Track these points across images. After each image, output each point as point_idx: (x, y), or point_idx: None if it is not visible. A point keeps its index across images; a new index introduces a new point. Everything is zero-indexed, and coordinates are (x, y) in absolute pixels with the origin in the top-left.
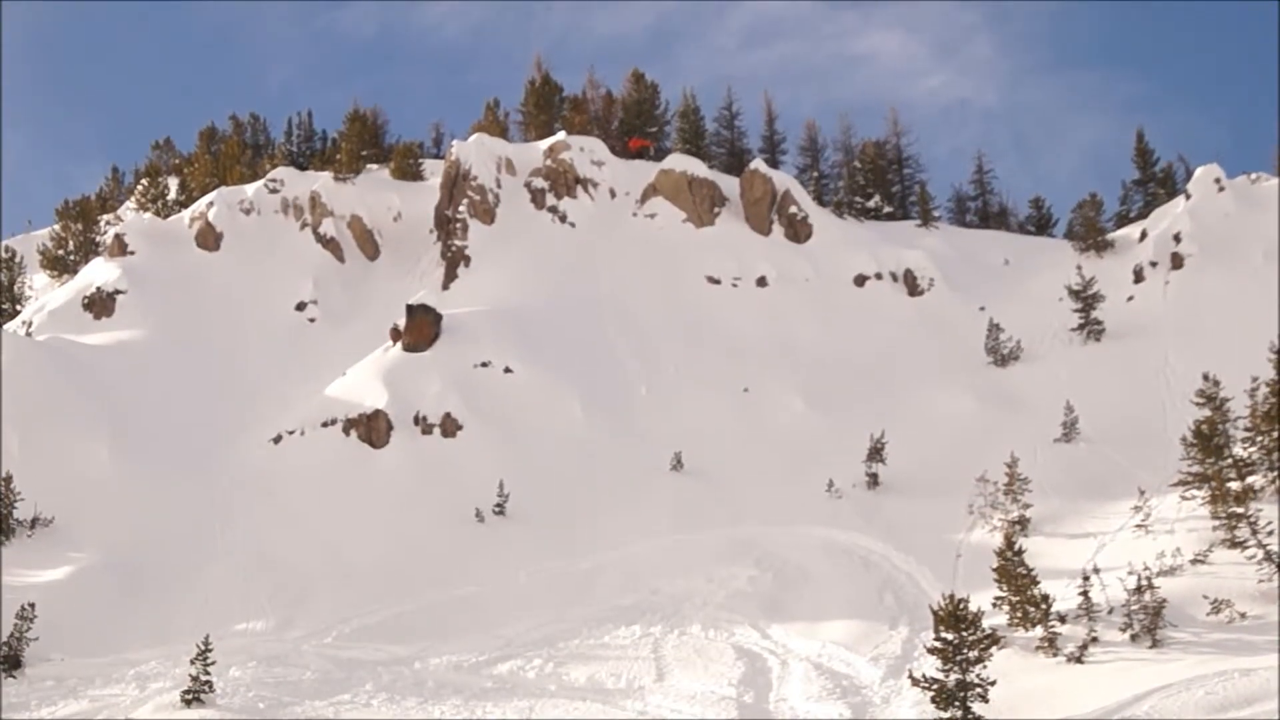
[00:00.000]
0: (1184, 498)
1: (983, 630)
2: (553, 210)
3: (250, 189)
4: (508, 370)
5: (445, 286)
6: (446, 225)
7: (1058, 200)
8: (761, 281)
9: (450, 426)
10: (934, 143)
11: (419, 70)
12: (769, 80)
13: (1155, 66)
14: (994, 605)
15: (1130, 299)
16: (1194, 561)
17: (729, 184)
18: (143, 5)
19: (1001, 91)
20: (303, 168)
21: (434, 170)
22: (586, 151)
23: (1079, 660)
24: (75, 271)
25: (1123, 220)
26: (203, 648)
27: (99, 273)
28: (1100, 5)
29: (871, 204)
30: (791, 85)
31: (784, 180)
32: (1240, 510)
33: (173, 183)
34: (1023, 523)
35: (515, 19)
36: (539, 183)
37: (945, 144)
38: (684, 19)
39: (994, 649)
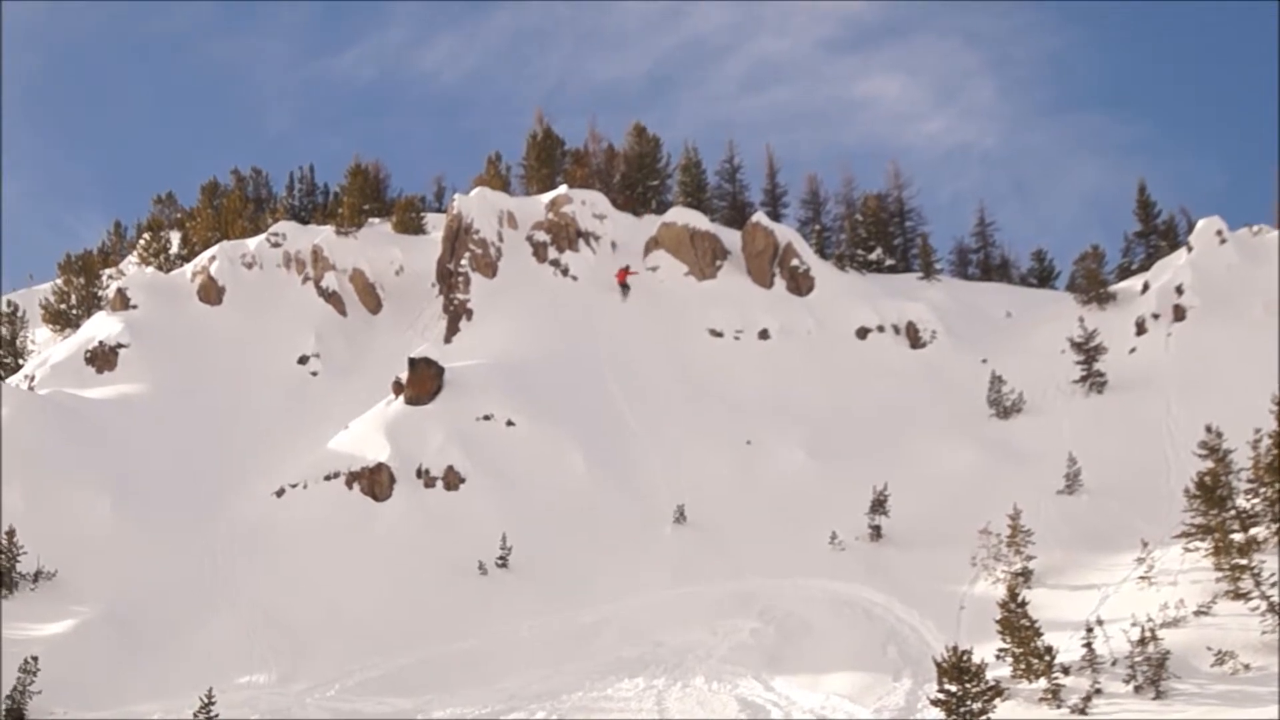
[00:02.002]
0: (1187, 549)
1: (986, 682)
2: (555, 264)
3: (252, 243)
4: (510, 423)
5: (447, 340)
6: (448, 278)
7: (1060, 245)
8: (764, 334)
9: (453, 479)
10: (935, 188)
11: (416, 116)
12: (768, 125)
13: (1156, 111)
14: (997, 657)
15: (1132, 351)
16: (1197, 613)
17: (731, 237)
18: (141, 47)
19: (1002, 135)
20: (305, 221)
21: (436, 224)
22: (588, 205)
23: (1083, 712)
24: (77, 325)
25: (1125, 272)
26: (205, 701)
27: (101, 327)
28: (1101, 50)
29: (873, 256)
30: (791, 129)
31: (786, 233)
32: (1243, 562)
33: (175, 237)
34: (1026, 574)
35: (512, 66)
36: (541, 236)
37: (946, 189)
38: (682, 65)
39: (997, 701)
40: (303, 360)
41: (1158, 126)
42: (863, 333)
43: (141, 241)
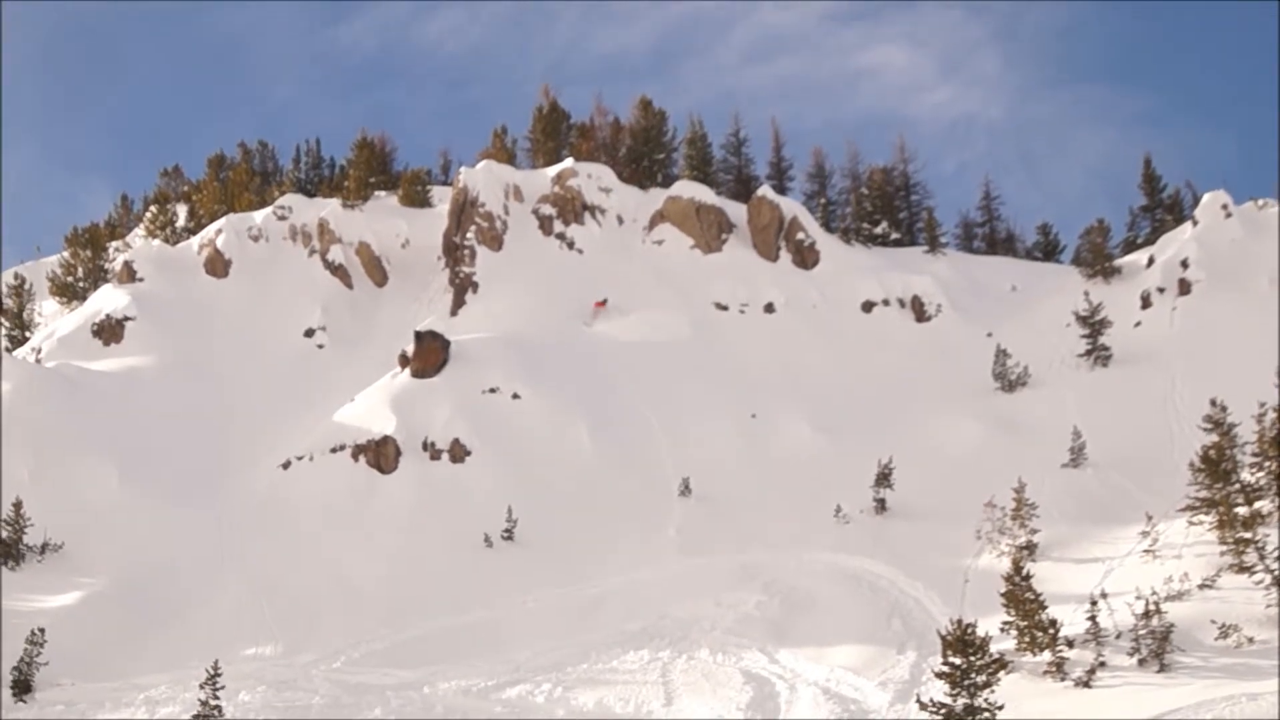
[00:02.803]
0: (1191, 523)
1: (990, 655)
2: (560, 237)
3: (259, 216)
4: (515, 396)
5: (453, 313)
6: (454, 252)
7: (1066, 218)
8: (769, 308)
9: (459, 452)
10: (941, 158)
11: (421, 86)
12: (773, 96)
13: (1162, 81)
14: (1002, 630)
15: (1138, 325)
16: (1201, 586)
17: (736, 210)
18: (147, 15)
19: (1008, 106)
20: (311, 194)
21: (442, 197)
22: (594, 178)
23: (1087, 685)
24: (84, 298)
25: (1130, 246)
26: (212, 672)
27: (108, 300)
28: (1108, 20)
29: (879, 230)
30: (796, 100)
31: (791, 207)
32: (1248, 535)
33: (181, 210)
34: (1030, 548)
35: (516, 38)
36: (547, 209)
37: (952, 159)
38: (686, 36)
39: (1002, 673)
40: (309, 333)
41: (1164, 98)
42: (868, 306)
43: (148, 214)
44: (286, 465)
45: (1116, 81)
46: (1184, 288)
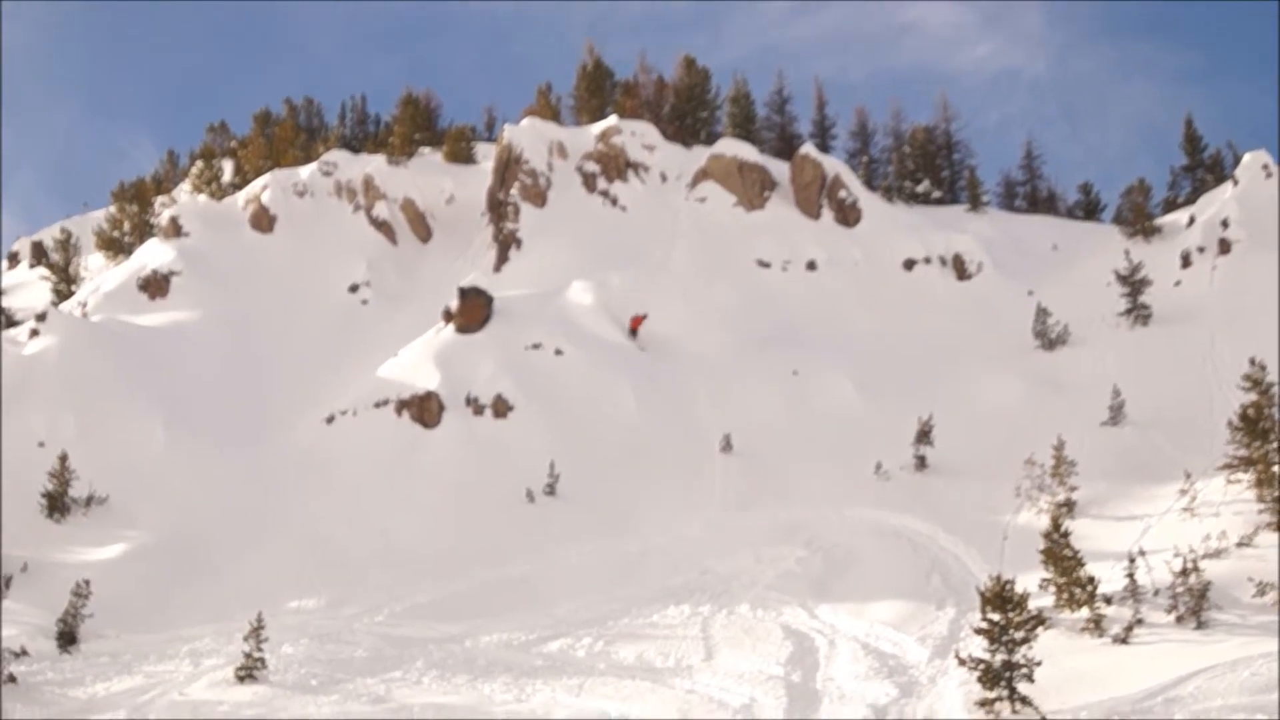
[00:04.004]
0: (1230, 481)
1: (1029, 611)
2: (604, 194)
3: (304, 171)
4: (559, 352)
5: (497, 269)
6: (498, 208)
7: (1107, 175)
8: (811, 265)
9: (501, 407)
10: (983, 112)
11: (465, 42)
12: (817, 49)
13: (1205, 38)
14: (1040, 587)
15: (1178, 284)
16: (1239, 544)
17: (779, 168)
18: None
19: (1051, 61)
20: (356, 151)
21: (486, 154)
22: (638, 136)
23: (1124, 641)
24: (130, 253)
25: (1170, 205)
26: (256, 625)
27: (154, 254)
28: None
29: (921, 189)
30: (839, 55)
31: (834, 165)
32: None
33: (227, 165)
34: (1069, 505)
35: None
36: (590, 166)
37: (993, 113)
38: None
39: (1040, 630)
40: (353, 288)
41: (1207, 55)
42: (909, 264)
43: (194, 169)
44: (330, 420)
45: (1159, 37)
46: (1224, 247)
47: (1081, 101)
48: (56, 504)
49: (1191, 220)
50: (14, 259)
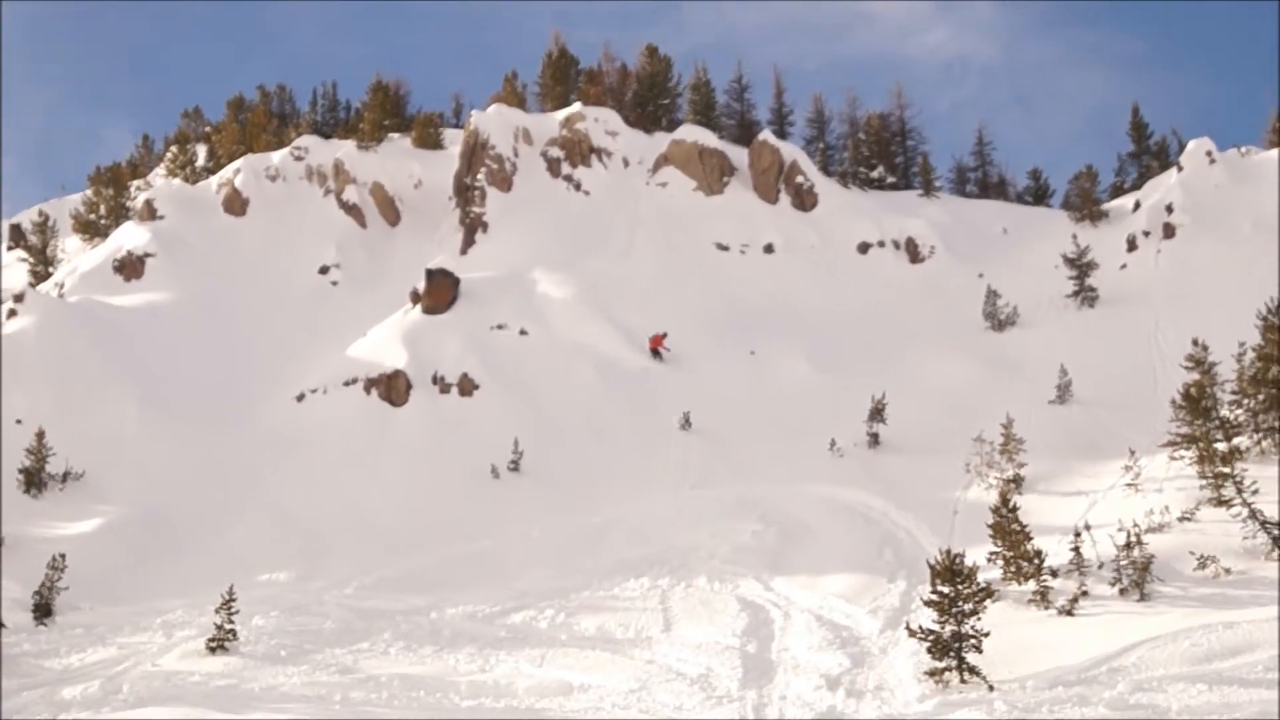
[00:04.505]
0: (1173, 458)
1: (978, 584)
2: (568, 179)
3: (276, 156)
4: (523, 333)
5: (464, 251)
6: (465, 193)
7: (1057, 160)
8: (769, 249)
9: (467, 386)
10: (935, 98)
11: (433, 31)
12: (774, 36)
13: (1151, 26)
14: (989, 560)
15: (1123, 267)
16: (1181, 519)
17: (738, 154)
18: None
19: (1002, 48)
20: (327, 136)
21: (454, 139)
22: (601, 122)
23: (1070, 613)
24: (106, 235)
25: (1117, 191)
26: (227, 597)
27: (129, 236)
28: None
29: (875, 174)
30: (796, 42)
31: (791, 151)
32: (1226, 470)
33: (201, 150)
34: (1017, 481)
35: None
36: (555, 152)
37: (945, 99)
38: None
39: (988, 602)
40: (324, 270)
41: (1153, 43)
42: (864, 247)
43: (169, 154)
44: (301, 398)
45: (1107, 25)
46: (1168, 231)
47: (1031, 88)
48: (33, 480)
49: (1137, 205)
50: None
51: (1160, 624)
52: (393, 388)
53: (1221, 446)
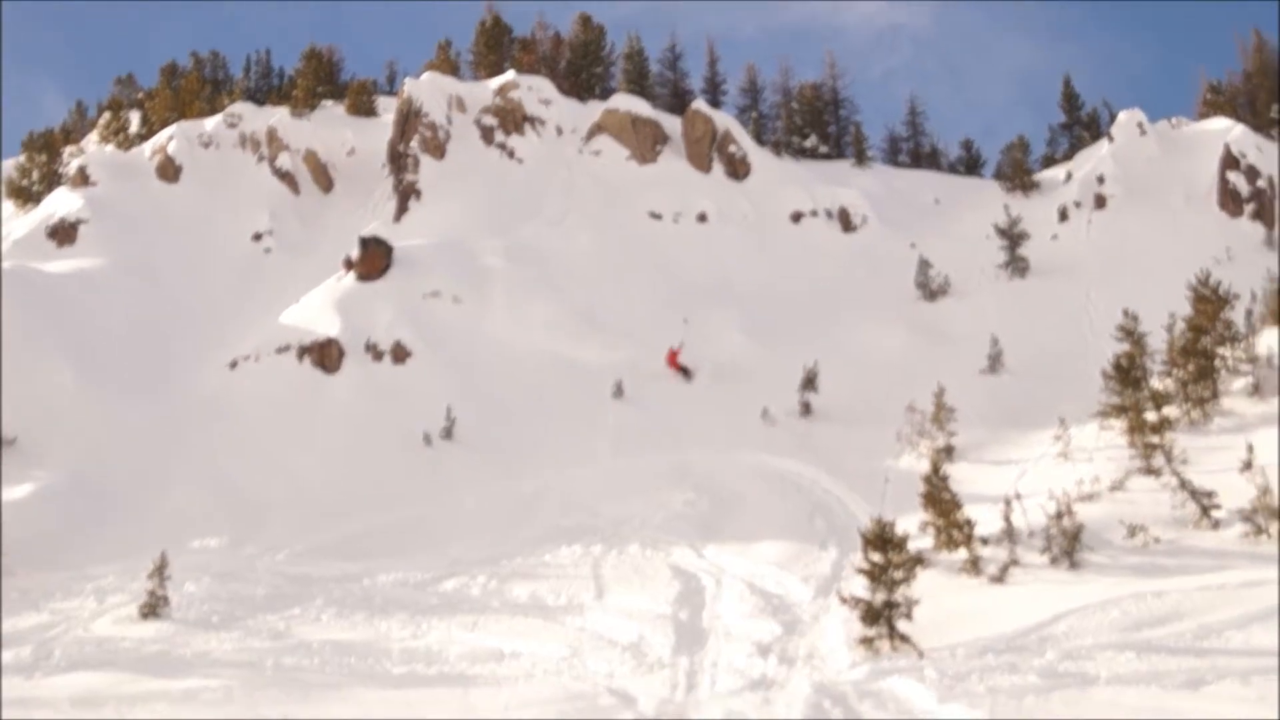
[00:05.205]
0: (1103, 428)
1: (909, 552)
2: (501, 147)
3: (209, 123)
4: (457, 300)
5: (397, 219)
6: (398, 160)
7: (988, 129)
8: (702, 218)
9: (400, 354)
10: (868, 67)
11: None
12: (708, 6)
13: None
14: (920, 529)
15: (1055, 238)
16: (1111, 489)
17: (671, 123)
18: None
19: (934, 17)
20: (260, 103)
21: (387, 107)
22: (534, 90)
23: (1000, 581)
24: (39, 201)
25: (1049, 162)
26: (159, 563)
27: (62, 203)
28: None
29: (808, 144)
30: (730, 10)
31: (724, 120)
32: (1156, 440)
33: (135, 117)
34: (949, 450)
35: None
36: (488, 120)
37: (878, 67)
38: None
39: (919, 570)
40: (257, 237)
41: (1084, 10)
42: (797, 217)
43: (102, 121)
44: (233, 365)
45: None
46: (1100, 203)
47: (963, 56)
48: None
49: (1069, 176)
50: None
51: (1090, 592)
52: (325, 355)
53: (1151, 417)
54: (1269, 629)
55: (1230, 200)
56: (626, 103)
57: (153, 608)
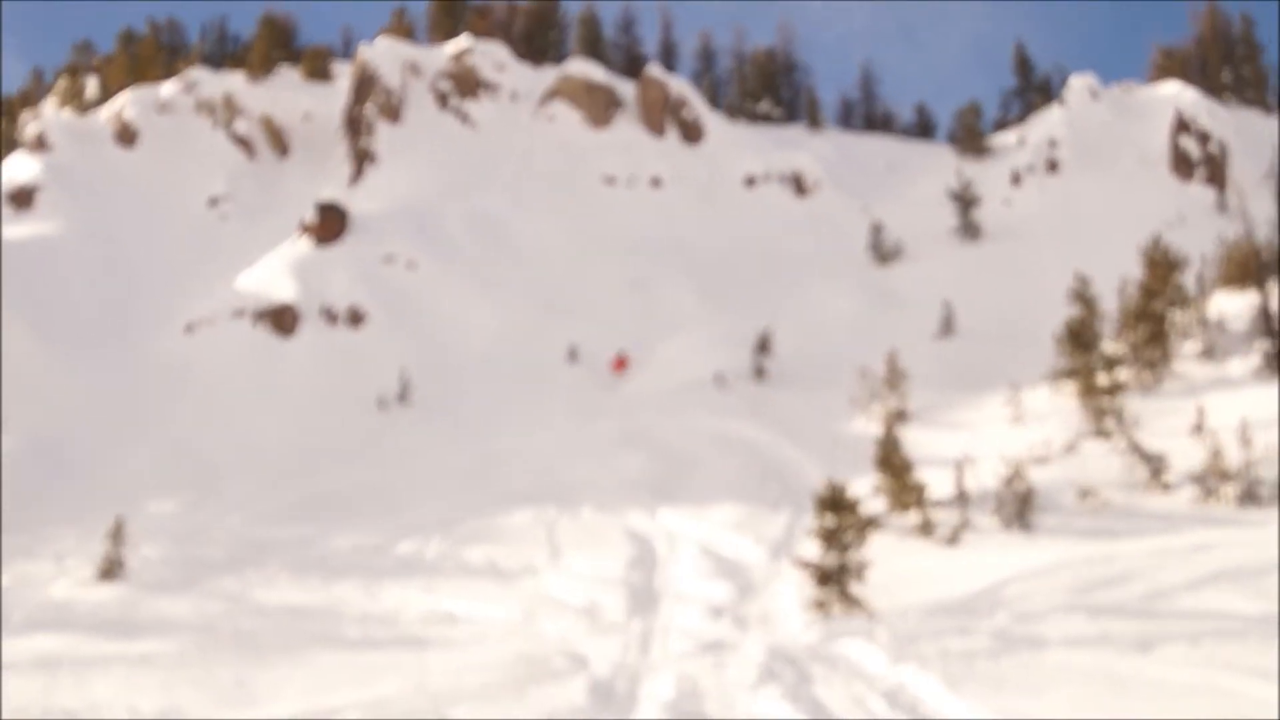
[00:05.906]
0: (1055, 391)
1: (861, 515)
2: (457, 111)
3: (166, 89)
4: (411, 265)
5: (353, 184)
6: (354, 125)
7: (941, 93)
8: (656, 182)
9: (356, 318)
10: (822, 31)
11: None
12: None
13: None
14: (873, 492)
15: (1007, 202)
16: (1064, 452)
17: (626, 88)
18: None
19: None
20: (217, 68)
21: (343, 72)
22: (489, 56)
23: (952, 543)
24: None
25: (1002, 126)
26: (116, 526)
27: (19, 168)
28: None
29: (762, 109)
30: None
31: (679, 85)
32: (1108, 403)
33: (92, 82)
34: (902, 414)
35: None
36: (444, 85)
37: (833, 32)
38: None
39: (871, 533)
40: (214, 202)
41: None
42: (751, 181)
43: (59, 86)
44: (190, 329)
45: None
46: (1052, 167)
47: (916, 18)
48: None
49: (1021, 141)
50: None
51: (1041, 555)
52: (281, 319)
53: (1103, 380)
54: (1218, 591)
55: (1181, 164)
56: (581, 68)
57: (110, 571)
